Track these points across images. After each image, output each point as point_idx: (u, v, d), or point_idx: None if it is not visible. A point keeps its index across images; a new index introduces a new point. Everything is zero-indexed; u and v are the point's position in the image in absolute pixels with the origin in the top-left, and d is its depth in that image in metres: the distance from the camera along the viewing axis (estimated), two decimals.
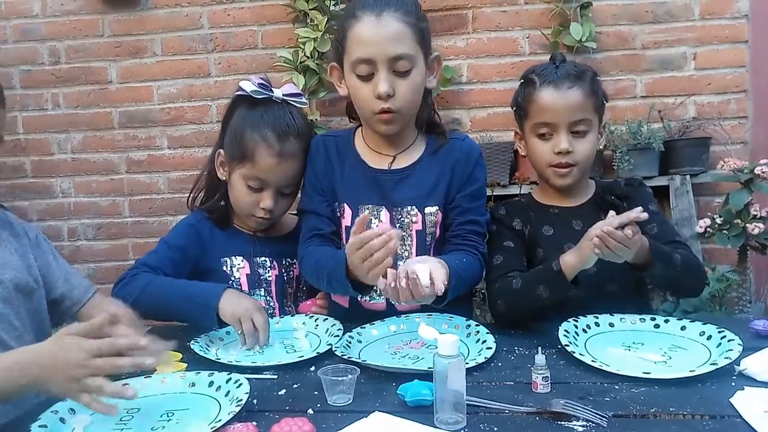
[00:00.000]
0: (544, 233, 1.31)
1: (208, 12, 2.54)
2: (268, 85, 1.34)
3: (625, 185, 1.36)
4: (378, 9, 1.15)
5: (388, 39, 1.15)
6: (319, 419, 0.83)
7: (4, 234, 1.16)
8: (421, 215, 1.26)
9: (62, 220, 2.68)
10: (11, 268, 1.13)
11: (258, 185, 1.32)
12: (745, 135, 2.39)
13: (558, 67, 1.28)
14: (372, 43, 1.15)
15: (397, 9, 1.15)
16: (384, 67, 1.16)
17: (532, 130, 1.28)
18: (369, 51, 1.15)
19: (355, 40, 1.17)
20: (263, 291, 1.38)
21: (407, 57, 1.17)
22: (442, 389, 0.80)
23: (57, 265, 1.24)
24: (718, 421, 0.79)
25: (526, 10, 2.42)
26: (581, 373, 0.97)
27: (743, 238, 1.93)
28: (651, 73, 2.40)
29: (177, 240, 1.39)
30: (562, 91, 1.24)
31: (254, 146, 1.29)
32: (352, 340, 1.14)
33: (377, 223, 1.26)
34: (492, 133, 2.45)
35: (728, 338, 1.02)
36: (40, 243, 1.23)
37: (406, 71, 1.17)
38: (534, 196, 1.39)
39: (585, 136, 1.26)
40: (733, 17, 2.36)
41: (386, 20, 1.15)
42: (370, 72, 1.17)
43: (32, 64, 2.61)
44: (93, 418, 0.88)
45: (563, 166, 1.26)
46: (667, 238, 1.24)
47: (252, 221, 1.38)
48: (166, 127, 2.61)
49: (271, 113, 1.31)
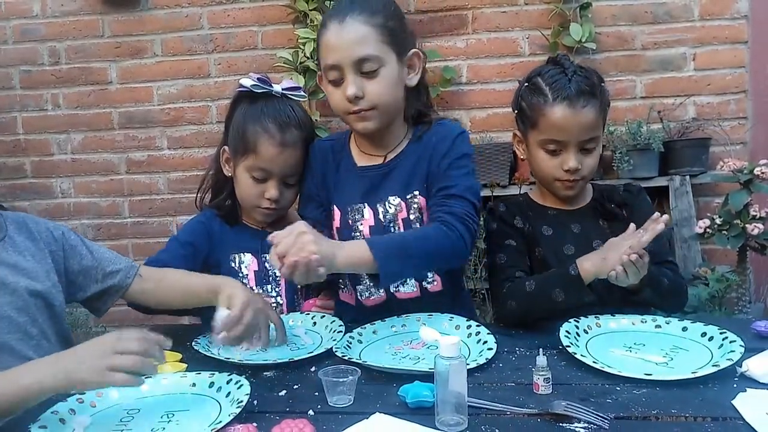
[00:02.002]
0: (544, 233, 1.30)
1: (208, 12, 2.55)
2: (267, 80, 1.37)
3: (624, 191, 1.35)
4: (341, 15, 1.18)
5: (351, 42, 1.17)
6: (319, 420, 0.83)
7: (20, 239, 1.14)
8: (405, 203, 1.26)
9: (62, 220, 2.67)
10: (26, 275, 1.11)
11: (262, 176, 1.35)
12: (745, 135, 2.39)
13: (570, 80, 1.22)
14: (336, 49, 1.18)
15: (361, 12, 1.18)
16: (350, 70, 1.18)
17: (540, 144, 1.26)
18: (334, 57, 1.18)
19: (324, 48, 1.21)
20: (271, 287, 1.40)
21: (372, 58, 1.18)
22: (444, 391, 0.80)
23: (92, 258, 1.22)
24: (720, 423, 0.78)
25: (525, 10, 2.43)
26: (582, 374, 0.97)
27: (743, 238, 1.93)
28: (650, 73, 2.41)
29: (187, 236, 1.41)
30: (576, 110, 1.21)
31: (257, 138, 1.33)
32: (353, 340, 1.14)
33: (361, 221, 1.27)
34: (492, 133, 2.45)
35: (730, 339, 1.01)
36: (68, 240, 1.21)
37: (373, 71, 1.19)
38: (531, 196, 1.38)
39: (593, 152, 1.26)
40: (733, 18, 2.36)
41: (348, 24, 1.17)
42: (340, 77, 1.20)
43: (32, 65, 2.61)
44: (93, 419, 0.88)
45: (570, 181, 1.25)
46: (660, 257, 1.25)
47: (258, 213, 1.40)
48: (166, 127, 2.61)
49: (272, 106, 1.35)
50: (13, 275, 1.10)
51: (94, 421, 0.88)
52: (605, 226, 1.31)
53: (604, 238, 1.27)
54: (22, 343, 1.08)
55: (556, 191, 1.30)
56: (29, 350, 1.08)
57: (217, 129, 2.59)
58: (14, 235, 1.14)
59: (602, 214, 1.32)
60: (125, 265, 1.24)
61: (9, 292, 1.08)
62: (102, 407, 0.92)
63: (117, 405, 0.93)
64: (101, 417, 0.89)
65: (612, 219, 1.31)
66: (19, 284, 1.09)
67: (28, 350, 1.08)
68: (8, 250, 1.11)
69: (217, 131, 2.59)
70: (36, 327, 1.11)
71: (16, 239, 1.14)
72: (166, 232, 2.63)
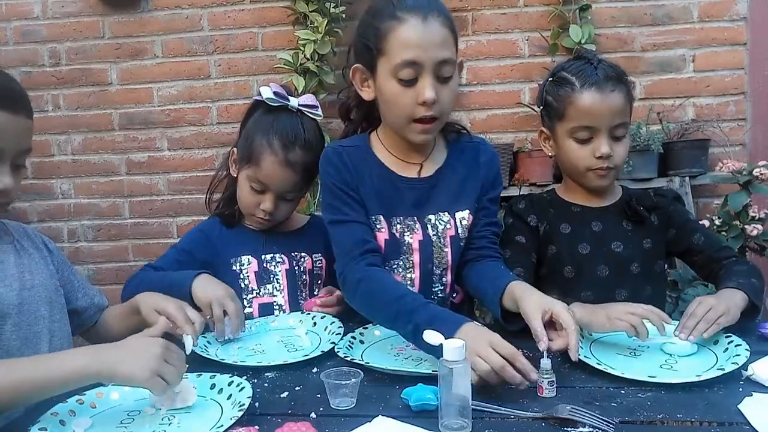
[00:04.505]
0: (561, 231, 1.30)
1: (209, 14, 2.54)
2: (285, 94, 1.36)
3: (656, 195, 1.34)
4: (423, 12, 1.11)
5: (436, 43, 1.10)
6: (321, 423, 0.82)
7: (27, 244, 1.17)
8: (454, 221, 1.24)
9: (62, 221, 2.67)
10: (40, 275, 1.14)
11: (260, 188, 1.36)
12: (744, 137, 2.39)
13: (597, 68, 1.22)
14: (419, 46, 1.10)
15: (440, 14, 1.12)
16: (429, 71, 1.11)
17: (569, 133, 1.25)
18: (416, 54, 1.10)
19: (400, 43, 1.11)
20: (272, 287, 1.40)
21: (451, 62, 1.13)
22: (448, 394, 0.80)
23: (74, 276, 1.26)
24: (726, 427, 0.78)
25: (525, 12, 2.43)
26: (587, 377, 0.96)
27: (742, 239, 1.93)
28: (650, 75, 2.41)
29: (185, 245, 1.44)
30: (605, 94, 1.20)
31: (261, 151, 1.33)
32: (355, 341, 1.14)
33: (411, 235, 1.22)
34: (491, 135, 2.45)
35: (735, 343, 1.01)
36: (58, 254, 1.25)
37: (449, 77, 1.14)
38: (558, 192, 1.37)
39: (622, 140, 1.25)
40: (732, 19, 2.37)
41: (432, 24, 1.10)
42: (414, 76, 1.11)
43: (33, 66, 2.60)
44: (93, 421, 0.87)
45: (603, 169, 1.24)
46: (714, 246, 1.25)
47: (253, 221, 1.43)
48: (166, 128, 2.61)
49: (282, 121, 1.34)
50: (30, 274, 1.12)
51: (94, 423, 0.87)
52: (628, 228, 1.30)
53: (624, 241, 1.27)
54: (47, 337, 1.11)
55: (589, 182, 1.27)
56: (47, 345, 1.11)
57: (217, 130, 2.59)
58: (21, 240, 1.17)
59: (628, 216, 1.30)
60: (99, 295, 1.29)
61: (36, 288, 1.11)
62: (102, 408, 0.92)
63: (117, 406, 0.93)
64: (101, 418, 0.89)
65: (637, 222, 1.30)
66: (34, 281, 1.12)
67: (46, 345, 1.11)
68: (19, 253, 1.14)
69: (217, 132, 2.59)
70: (54, 324, 1.14)
71: (23, 244, 1.17)
72: (167, 233, 2.63)
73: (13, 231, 1.16)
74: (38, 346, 1.09)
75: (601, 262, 1.28)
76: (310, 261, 1.44)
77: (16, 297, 1.07)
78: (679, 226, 1.32)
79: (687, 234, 1.32)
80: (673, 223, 1.32)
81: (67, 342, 1.17)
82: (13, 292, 1.07)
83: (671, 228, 1.32)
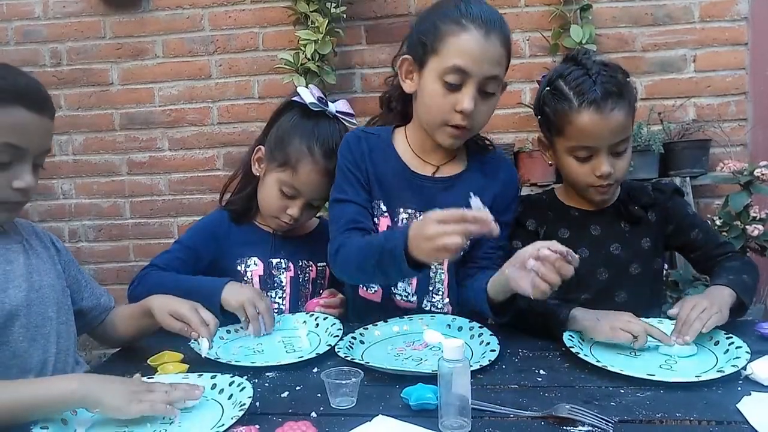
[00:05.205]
0: (560, 235, 1.28)
1: (209, 14, 2.55)
2: (324, 98, 1.35)
3: (654, 190, 1.32)
4: (487, 27, 1.13)
5: (489, 58, 1.13)
6: (322, 423, 0.82)
7: (35, 243, 1.17)
8: None
9: (63, 221, 2.68)
10: (48, 276, 1.14)
11: (291, 193, 1.33)
12: (745, 137, 2.40)
13: (595, 82, 1.17)
14: (474, 58, 1.12)
15: (502, 33, 1.15)
16: (475, 83, 1.13)
17: (568, 151, 1.22)
18: (468, 63, 1.12)
19: (456, 48, 1.13)
20: (275, 294, 1.38)
21: (498, 80, 1.16)
22: (447, 393, 0.80)
23: (81, 275, 1.25)
24: (725, 427, 0.78)
25: (526, 12, 2.43)
26: (586, 376, 0.96)
27: (743, 239, 1.94)
28: (651, 75, 2.41)
29: (190, 241, 1.39)
30: (605, 114, 1.15)
31: (300, 156, 1.31)
32: (355, 341, 1.14)
33: None
34: (492, 135, 2.43)
35: (736, 345, 1.01)
36: (66, 253, 1.24)
37: (492, 93, 1.16)
38: (556, 194, 1.35)
39: (624, 154, 1.22)
40: (733, 20, 2.37)
41: (493, 40, 1.13)
42: (459, 82, 1.14)
43: (34, 66, 2.60)
44: (94, 420, 0.87)
45: (604, 186, 1.22)
46: (713, 242, 1.24)
47: (274, 223, 1.39)
48: (167, 128, 2.61)
49: (323, 128, 1.33)
50: (38, 275, 1.12)
51: (95, 422, 0.87)
52: (626, 229, 1.29)
53: (622, 242, 1.27)
54: (54, 338, 1.12)
55: (591, 197, 1.26)
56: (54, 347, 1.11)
57: (218, 130, 2.59)
58: (30, 239, 1.16)
59: (625, 217, 1.29)
60: (106, 295, 1.28)
61: (44, 289, 1.11)
62: None
63: None
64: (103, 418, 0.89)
65: (634, 222, 1.28)
66: (43, 282, 1.12)
67: (54, 347, 1.11)
68: (27, 253, 1.13)
69: (218, 132, 2.59)
70: (61, 325, 1.14)
71: (32, 243, 1.16)
72: (168, 233, 2.63)
73: (22, 230, 1.16)
74: (46, 347, 1.09)
75: (600, 265, 1.27)
76: (315, 270, 1.42)
77: (25, 298, 1.07)
78: (677, 221, 1.31)
79: (685, 229, 1.31)
80: (671, 219, 1.31)
81: (73, 343, 1.16)
82: (22, 293, 1.07)
83: (669, 223, 1.31)
